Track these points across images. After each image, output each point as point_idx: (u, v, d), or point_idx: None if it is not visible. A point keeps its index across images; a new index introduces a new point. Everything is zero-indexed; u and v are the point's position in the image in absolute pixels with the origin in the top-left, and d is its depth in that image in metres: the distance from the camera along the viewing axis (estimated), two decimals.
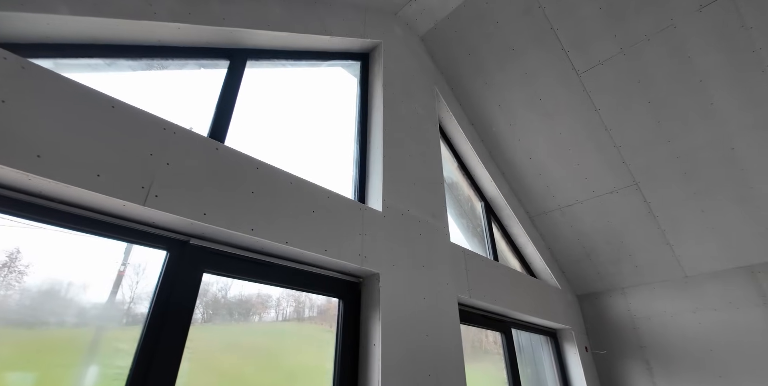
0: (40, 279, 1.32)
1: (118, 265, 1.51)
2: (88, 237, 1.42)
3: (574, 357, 3.49)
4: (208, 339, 1.71)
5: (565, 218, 3.62)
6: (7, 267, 1.28)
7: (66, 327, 1.40)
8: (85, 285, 1.41)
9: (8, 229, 1.28)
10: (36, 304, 1.32)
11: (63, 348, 1.37)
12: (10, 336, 1.28)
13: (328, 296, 2.07)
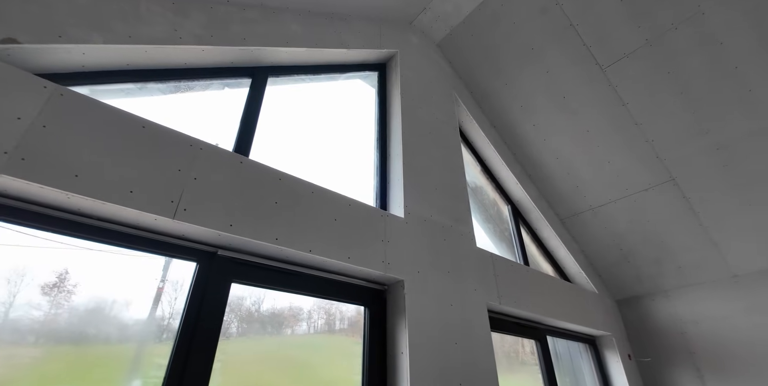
0: (87, 298, 1.40)
1: (158, 282, 1.59)
2: (127, 255, 1.50)
3: (617, 366, 3.31)
4: (241, 352, 1.76)
5: (598, 219, 3.48)
6: (57, 287, 1.36)
7: (111, 343, 1.48)
8: (127, 303, 1.50)
9: (57, 251, 1.37)
10: (83, 322, 1.40)
11: (108, 363, 1.45)
12: (61, 352, 1.36)
13: (354, 304, 2.07)
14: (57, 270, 1.35)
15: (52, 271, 1.34)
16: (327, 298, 2.00)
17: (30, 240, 1.33)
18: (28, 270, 1.32)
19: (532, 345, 2.97)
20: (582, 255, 3.71)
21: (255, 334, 1.87)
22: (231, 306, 1.75)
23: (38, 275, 1.32)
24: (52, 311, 1.35)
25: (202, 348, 1.47)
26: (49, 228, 1.33)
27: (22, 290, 1.30)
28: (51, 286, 1.34)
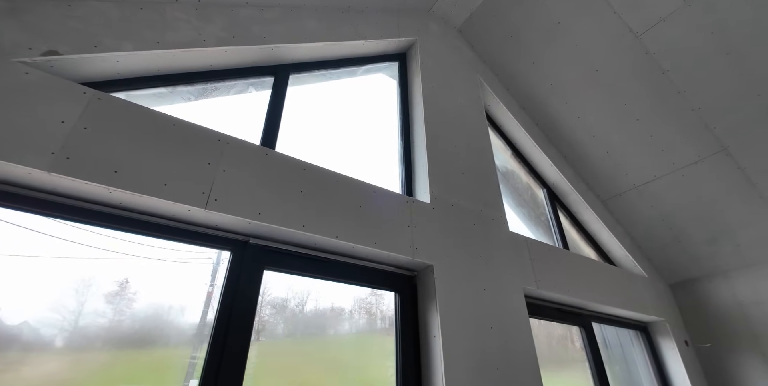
0: (146, 305, 1.52)
1: (207, 286, 1.69)
2: (179, 262, 1.62)
3: (672, 353, 3.11)
4: (283, 352, 1.85)
5: (643, 198, 3.28)
6: (119, 295, 1.48)
7: (169, 347, 1.60)
8: (182, 308, 1.60)
9: (118, 262, 1.50)
10: (144, 327, 1.52)
11: (167, 365, 1.56)
12: (125, 356, 1.49)
13: (384, 290, 2.10)
14: (118, 280, 1.47)
15: (114, 281, 1.46)
16: (357, 284, 2.03)
17: (94, 253, 1.46)
18: (93, 281, 1.44)
19: (582, 340, 2.83)
20: (628, 238, 3.51)
21: (300, 335, 1.95)
22: (276, 308, 1.85)
23: (102, 285, 1.45)
24: (115, 318, 1.47)
25: (239, 330, 1.55)
26: (94, 222, 1.45)
27: (89, 299, 1.42)
28: (114, 295, 1.47)
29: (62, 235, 1.43)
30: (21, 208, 1.36)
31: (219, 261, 1.75)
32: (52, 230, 1.41)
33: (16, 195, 1.35)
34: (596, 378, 2.67)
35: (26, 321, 1.33)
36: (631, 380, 3.08)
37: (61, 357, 1.38)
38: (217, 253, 1.75)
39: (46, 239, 1.40)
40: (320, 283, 1.96)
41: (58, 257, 1.41)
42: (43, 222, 1.40)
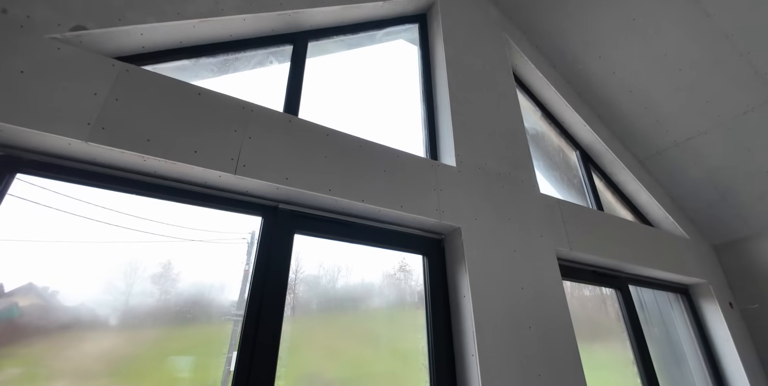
0: (189, 284, 1.62)
1: (243, 265, 1.77)
2: (217, 243, 1.71)
3: (715, 315, 3.02)
4: (322, 329, 1.93)
5: (686, 155, 3.10)
6: (164, 276, 1.58)
7: (212, 323, 1.70)
8: (222, 286, 1.70)
9: (160, 245, 1.59)
10: (188, 305, 1.63)
11: (211, 339, 1.68)
12: (173, 331, 1.61)
13: (412, 253, 2.12)
14: (162, 262, 1.58)
15: (158, 263, 1.57)
16: (385, 247, 2.07)
17: (138, 237, 1.56)
18: (139, 264, 1.55)
19: (617, 311, 2.78)
20: (668, 199, 3.36)
21: (331, 310, 2.02)
22: (309, 285, 1.92)
23: (147, 267, 1.55)
24: (162, 297, 1.58)
25: (273, 293, 1.62)
26: (130, 190, 1.54)
27: (137, 281, 1.53)
28: (159, 276, 1.57)
29: (110, 221, 1.53)
30: (63, 178, 1.45)
31: (253, 241, 1.81)
32: (102, 216, 1.52)
33: (59, 166, 1.45)
34: (634, 341, 2.64)
35: (83, 302, 1.45)
36: (670, 341, 3.03)
37: (116, 334, 1.51)
38: (251, 234, 1.82)
39: (96, 225, 1.50)
40: (350, 260, 2.02)
41: (107, 242, 1.52)
42: (92, 209, 1.50)
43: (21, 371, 1.42)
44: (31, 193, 1.43)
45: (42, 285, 1.41)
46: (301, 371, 1.77)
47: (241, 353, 1.49)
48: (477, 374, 1.72)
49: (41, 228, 1.41)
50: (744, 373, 2.80)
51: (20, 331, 1.42)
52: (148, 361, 1.62)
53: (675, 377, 2.88)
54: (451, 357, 1.89)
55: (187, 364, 1.62)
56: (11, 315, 1.39)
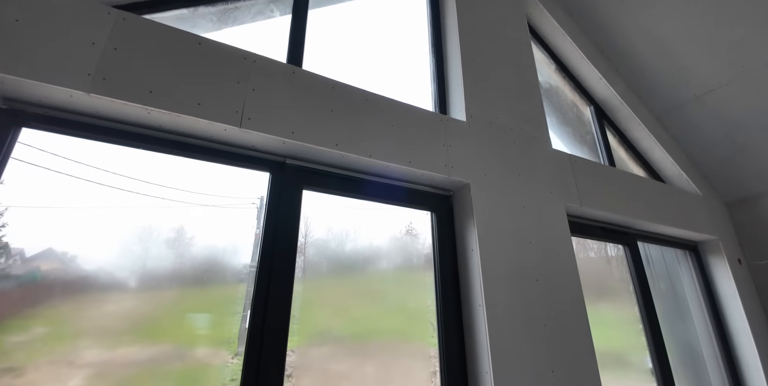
0: (202, 248, 1.66)
1: (254, 229, 1.79)
2: (227, 208, 1.74)
3: (723, 271, 3.06)
4: (327, 287, 1.99)
5: (705, 108, 2.99)
6: (177, 241, 1.62)
7: (227, 284, 1.77)
8: (234, 250, 1.74)
9: (172, 210, 1.62)
10: (204, 267, 1.69)
11: (226, 299, 1.76)
12: (190, 292, 1.69)
13: (420, 209, 2.14)
14: (175, 227, 1.61)
15: (171, 228, 1.61)
16: (393, 204, 2.08)
17: (151, 202, 1.59)
18: (153, 229, 1.59)
19: (622, 272, 2.81)
20: (683, 155, 3.29)
21: (341, 273, 2.08)
22: (318, 249, 1.96)
23: (162, 232, 1.60)
24: (177, 260, 1.63)
25: (284, 246, 1.66)
26: (136, 145, 1.55)
27: (151, 246, 1.58)
28: (173, 240, 1.62)
29: (123, 187, 1.55)
30: (68, 132, 1.45)
31: (262, 206, 1.83)
32: (115, 182, 1.53)
33: (63, 119, 1.44)
34: (640, 297, 2.70)
35: (101, 266, 1.51)
36: (676, 298, 3.10)
37: (135, 295, 1.59)
38: (260, 199, 1.84)
39: (110, 191, 1.53)
40: (358, 223, 2.04)
41: (121, 208, 1.55)
42: (106, 175, 1.52)
43: (47, 330, 1.51)
44: (46, 159, 1.45)
45: (61, 250, 1.47)
46: (313, 328, 1.87)
47: (254, 311, 1.54)
48: (483, 322, 1.79)
49: (57, 194, 1.45)
50: (748, 327, 2.88)
51: (44, 294, 1.50)
52: (168, 319, 1.72)
53: (678, 331, 2.97)
54: (459, 309, 1.95)
55: (205, 322, 1.72)
56: (34, 278, 1.45)
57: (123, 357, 1.67)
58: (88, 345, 1.56)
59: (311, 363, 1.89)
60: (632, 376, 2.63)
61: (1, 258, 1.43)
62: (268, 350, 1.51)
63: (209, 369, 1.94)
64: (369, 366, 2.25)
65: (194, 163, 1.69)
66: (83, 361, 1.56)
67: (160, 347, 1.73)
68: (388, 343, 2.18)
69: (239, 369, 1.69)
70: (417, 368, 2.14)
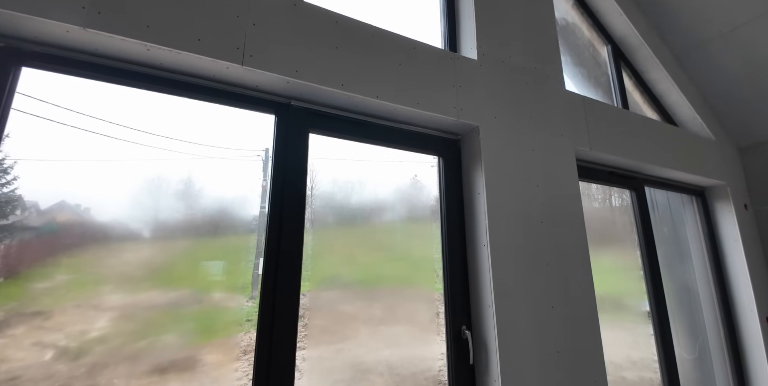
0: (211, 200, 1.70)
1: (261, 181, 1.79)
2: (233, 160, 1.74)
3: (728, 216, 3.11)
4: (334, 238, 2.04)
5: (729, 47, 2.87)
6: (186, 193, 1.65)
7: (238, 234, 1.83)
8: (242, 201, 1.77)
9: (179, 162, 1.62)
10: (213, 219, 1.73)
11: (238, 247, 1.83)
12: (202, 242, 1.75)
13: (427, 154, 2.13)
14: (183, 179, 1.64)
15: (179, 180, 1.63)
16: (400, 148, 2.08)
17: (158, 154, 1.59)
18: (162, 181, 1.61)
19: (625, 222, 2.84)
20: (699, 98, 3.21)
21: (348, 224, 2.12)
22: (324, 201, 1.97)
23: (170, 184, 1.62)
24: (188, 212, 1.67)
25: (293, 193, 1.69)
26: (139, 85, 1.52)
27: (161, 198, 1.61)
28: (182, 192, 1.64)
29: (130, 139, 1.55)
30: (68, 71, 1.43)
31: (267, 158, 1.82)
32: (122, 134, 1.53)
33: (61, 57, 1.41)
34: (643, 242, 2.77)
35: (114, 218, 1.55)
36: (678, 242, 3.18)
37: (151, 245, 1.66)
38: (265, 150, 1.83)
39: (117, 144, 1.53)
40: (363, 175, 2.06)
41: (129, 160, 1.56)
42: (112, 127, 1.51)
43: (70, 277, 1.60)
44: (51, 111, 1.44)
45: (74, 202, 1.51)
46: (323, 274, 1.96)
47: (267, 259, 1.61)
48: (487, 261, 1.86)
49: (64, 147, 1.46)
50: (747, 271, 2.99)
51: (62, 244, 1.56)
52: (183, 267, 1.81)
53: (677, 273, 3.10)
54: (464, 250, 2.02)
55: (218, 269, 1.81)
56: (51, 230, 1.51)
57: (144, 301, 1.78)
58: (110, 290, 1.66)
59: (322, 305, 2.02)
60: (628, 319, 2.79)
61: (17, 210, 1.47)
62: (283, 291, 1.60)
63: (226, 311, 2.07)
64: (376, 308, 2.39)
65: (199, 112, 1.68)
66: (107, 305, 1.67)
67: (178, 292, 1.84)
68: (394, 288, 2.30)
69: (254, 310, 1.81)
70: (422, 309, 2.28)
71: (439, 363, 2.26)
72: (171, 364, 1.91)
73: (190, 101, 1.63)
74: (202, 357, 2.01)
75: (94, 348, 1.68)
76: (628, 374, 2.67)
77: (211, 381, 2.00)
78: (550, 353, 1.87)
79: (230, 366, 2.10)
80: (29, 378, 1.61)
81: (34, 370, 1.62)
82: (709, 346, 2.99)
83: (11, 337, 1.61)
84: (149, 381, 1.85)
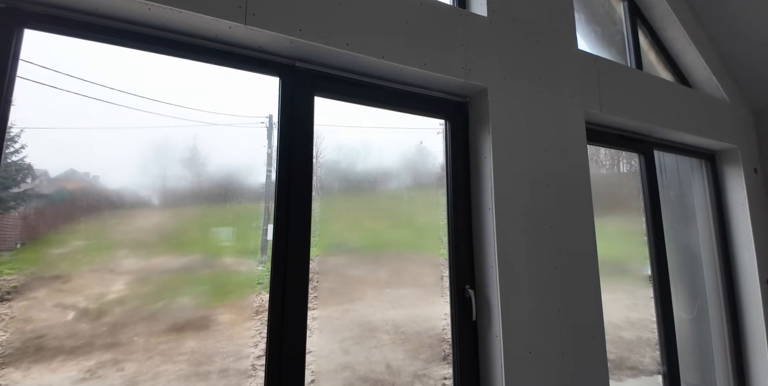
0: (217, 168, 1.72)
1: (266, 149, 1.79)
2: (238, 127, 1.74)
3: (737, 180, 3.12)
4: (340, 205, 2.08)
5: (751, 2, 2.74)
6: (193, 160, 1.66)
7: (245, 201, 1.86)
8: (248, 169, 1.80)
9: (184, 129, 1.62)
10: (220, 186, 1.76)
11: (247, 214, 1.88)
12: (212, 209, 1.79)
13: (434, 117, 2.12)
14: (188, 147, 1.65)
15: (185, 148, 1.64)
16: (406, 112, 2.06)
17: (162, 121, 1.59)
18: (168, 148, 1.62)
19: (631, 189, 2.83)
20: (717, 58, 3.12)
21: (353, 191, 2.14)
22: (329, 169, 1.98)
23: (176, 152, 1.64)
24: (195, 179, 1.70)
25: (300, 157, 1.71)
26: (142, 46, 1.50)
27: (168, 165, 1.63)
28: (188, 160, 1.66)
29: (132, 105, 1.55)
30: (69, 32, 1.41)
31: (272, 125, 1.81)
32: (125, 101, 1.52)
33: (63, 18, 1.39)
34: (649, 207, 2.79)
35: (124, 185, 1.58)
36: (684, 206, 3.21)
37: (161, 211, 1.71)
38: (269, 117, 1.82)
39: (122, 111, 1.53)
40: (368, 144, 2.06)
41: (134, 128, 1.56)
42: (114, 93, 1.50)
43: (85, 243, 1.66)
44: (59, 80, 1.44)
45: (83, 170, 1.54)
46: (330, 240, 2.01)
47: (277, 225, 1.64)
48: (492, 224, 1.90)
49: (70, 115, 1.47)
50: (751, 234, 3.03)
51: (75, 211, 1.61)
52: (194, 233, 1.86)
53: (681, 236, 3.15)
54: (469, 214, 2.05)
55: (229, 235, 1.86)
56: (62, 197, 1.55)
57: (157, 265, 1.86)
58: (124, 255, 1.73)
59: (329, 269, 2.10)
60: (628, 282, 2.87)
61: (27, 178, 1.51)
62: (294, 256, 1.64)
63: (238, 275, 2.16)
64: (382, 272, 2.48)
65: (203, 77, 1.66)
66: (122, 269, 1.74)
67: (190, 257, 1.91)
68: (399, 253, 2.38)
69: (264, 274, 1.88)
70: (426, 273, 2.36)
71: (442, 322, 2.37)
72: (187, 323, 2.02)
73: (194, 64, 1.62)
74: (217, 317, 2.12)
75: (113, 309, 1.77)
76: (626, 334, 2.79)
77: (226, 338, 2.12)
78: (551, 311, 1.95)
79: (243, 325, 2.22)
80: (54, 336, 1.72)
81: (58, 329, 1.72)
82: (708, 307, 3.10)
83: (33, 299, 1.70)
84: (168, 338, 1.96)
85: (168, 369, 1.92)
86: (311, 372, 1.90)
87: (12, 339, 1.64)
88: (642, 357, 2.79)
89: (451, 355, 2.01)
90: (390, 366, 2.31)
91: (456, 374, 1.90)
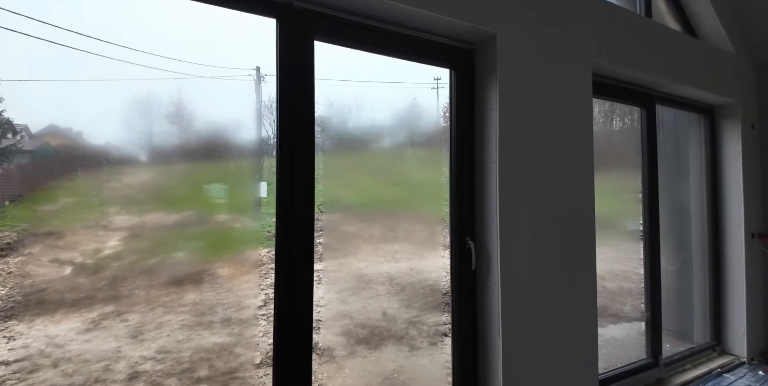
0: (205, 124, 1.66)
1: (254, 103, 1.69)
2: (223, 79, 1.65)
3: (733, 135, 3.19)
4: (337, 164, 2.06)
5: None
6: (178, 116, 1.59)
7: (235, 158, 1.83)
8: (237, 125, 1.73)
9: (167, 82, 1.52)
10: (209, 143, 1.70)
11: (239, 171, 1.86)
12: (201, 166, 1.76)
13: (439, 66, 2.07)
14: (173, 101, 1.56)
15: (169, 102, 1.56)
16: (411, 59, 1.99)
17: (145, 73, 1.47)
18: (151, 102, 1.54)
19: (625, 144, 2.82)
20: (728, 8, 3.03)
21: (347, 149, 2.10)
22: (320, 126, 1.91)
23: (160, 107, 1.56)
24: (182, 136, 1.65)
25: (301, 106, 1.64)
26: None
27: (153, 121, 1.55)
28: (174, 115, 1.59)
29: (114, 56, 1.43)
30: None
31: (260, 79, 1.72)
32: (106, 51, 1.40)
33: None
34: (646, 162, 2.85)
35: (108, 141, 1.52)
36: (678, 161, 3.28)
37: (149, 168, 1.67)
38: (256, 69, 1.72)
39: (101, 61, 1.42)
40: (362, 100, 2.01)
41: (114, 80, 1.46)
42: (96, 43, 1.37)
43: (75, 200, 1.62)
44: (33, 28, 1.32)
45: (64, 126, 1.48)
46: (333, 196, 2.02)
47: (280, 178, 1.59)
48: (495, 178, 1.93)
49: (48, 67, 1.36)
50: (741, 189, 3.15)
51: (60, 167, 1.55)
52: (186, 190, 1.83)
53: (673, 190, 3.24)
54: (472, 168, 2.06)
55: (220, 192, 1.83)
56: (46, 153, 1.49)
57: (151, 221, 1.84)
58: (115, 212, 1.70)
59: (324, 226, 2.13)
60: (614, 237, 3.00)
61: (8, 134, 1.44)
62: (299, 209, 1.62)
63: (232, 231, 2.17)
64: (376, 228, 2.53)
65: (186, 24, 1.55)
66: (115, 225, 1.73)
67: (183, 214, 1.89)
68: (393, 211, 2.42)
69: (259, 229, 1.89)
70: (419, 229, 2.44)
71: (434, 275, 2.48)
72: (186, 277, 2.06)
73: (179, 7, 1.49)
74: (215, 271, 2.17)
75: (110, 264, 1.78)
76: (609, 284, 2.97)
77: (225, 290, 2.18)
78: (547, 261, 2.05)
79: (242, 278, 2.28)
80: (54, 290, 1.73)
81: (57, 283, 1.73)
82: (692, 258, 3.27)
83: (29, 255, 1.69)
84: (168, 291, 2.00)
85: (171, 319, 1.99)
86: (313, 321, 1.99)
87: (12, 293, 1.65)
88: (623, 305, 2.98)
89: (447, 304, 2.12)
90: (386, 313, 2.44)
91: (455, 319, 2.01)
